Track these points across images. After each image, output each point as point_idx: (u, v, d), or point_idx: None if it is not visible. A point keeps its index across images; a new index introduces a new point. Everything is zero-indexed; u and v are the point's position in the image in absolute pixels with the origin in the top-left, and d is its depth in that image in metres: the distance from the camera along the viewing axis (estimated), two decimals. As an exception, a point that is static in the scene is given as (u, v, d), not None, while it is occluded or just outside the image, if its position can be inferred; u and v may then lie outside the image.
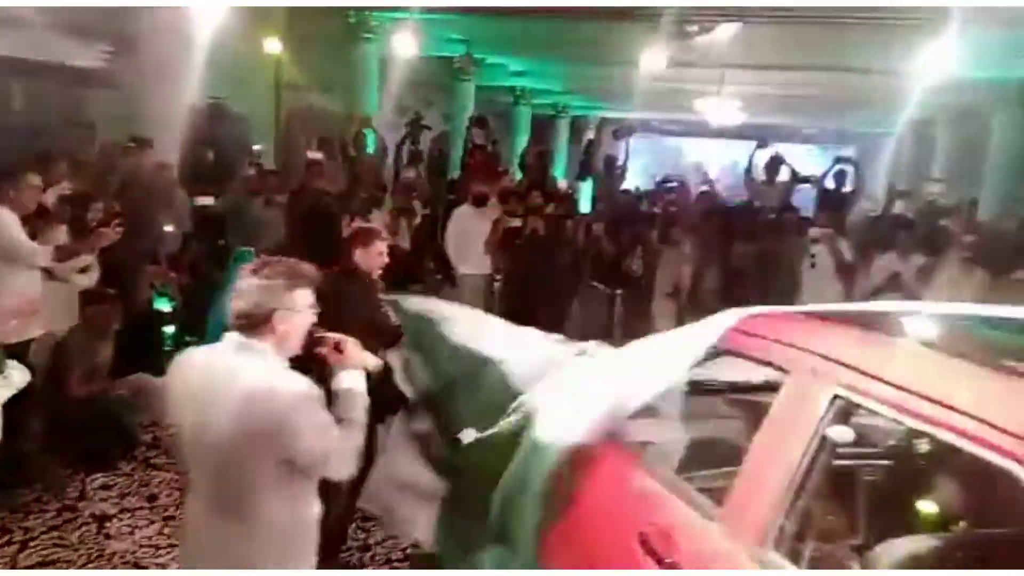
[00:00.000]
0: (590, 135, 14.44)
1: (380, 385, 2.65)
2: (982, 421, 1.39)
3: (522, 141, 12.27)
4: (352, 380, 2.14)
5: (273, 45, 10.23)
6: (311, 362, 2.16)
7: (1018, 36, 7.79)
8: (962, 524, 1.97)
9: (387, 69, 9.89)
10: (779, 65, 10.16)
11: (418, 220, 7.33)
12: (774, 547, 1.68)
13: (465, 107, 11.79)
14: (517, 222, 6.48)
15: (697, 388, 3.09)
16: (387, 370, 3.06)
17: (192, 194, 6.80)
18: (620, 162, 9.18)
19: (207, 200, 7.03)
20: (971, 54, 7.28)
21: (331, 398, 2.09)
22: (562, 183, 10.82)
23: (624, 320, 6.89)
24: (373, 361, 2.41)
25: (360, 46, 9.71)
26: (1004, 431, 1.34)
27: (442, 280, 6.82)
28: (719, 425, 2.96)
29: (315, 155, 7.46)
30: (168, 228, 6.00)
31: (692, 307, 6.40)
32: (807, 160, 13.93)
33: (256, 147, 9.86)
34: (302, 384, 1.92)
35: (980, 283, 5.60)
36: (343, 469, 2.00)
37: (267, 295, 1.95)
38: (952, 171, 11.62)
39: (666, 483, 2.20)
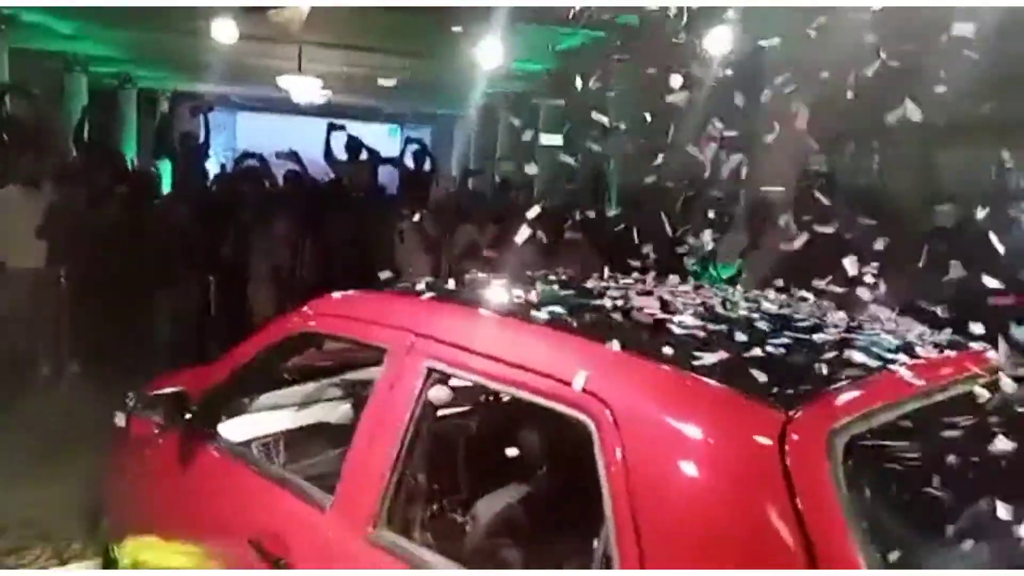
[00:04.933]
0: (164, 109, 13.13)
1: None
2: (548, 376, 1.56)
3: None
4: None
5: None
6: None
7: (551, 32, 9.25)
8: (544, 468, 2.23)
9: None
10: (353, 46, 10.41)
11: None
12: (387, 524, 1.72)
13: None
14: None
15: (303, 374, 3.04)
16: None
17: None
18: (200, 140, 8.47)
19: None
20: (516, 47, 8.33)
21: None
22: (137, 161, 9.74)
23: (222, 307, 6.48)
24: None
25: None
26: (560, 380, 1.52)
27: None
28: (328, 409, 2.95)
29: None
30: None
31: (290, 289, 6.29)
32: (386, 140, 14.62)
33: None
34: None
35: (540, 244, 6.46)
36: None
37: None
38: (512, 149, 13.16)
39: (274, 479, 2.12)
